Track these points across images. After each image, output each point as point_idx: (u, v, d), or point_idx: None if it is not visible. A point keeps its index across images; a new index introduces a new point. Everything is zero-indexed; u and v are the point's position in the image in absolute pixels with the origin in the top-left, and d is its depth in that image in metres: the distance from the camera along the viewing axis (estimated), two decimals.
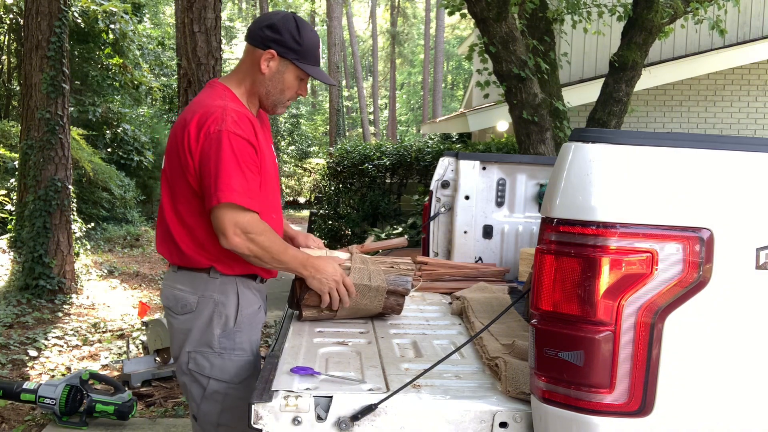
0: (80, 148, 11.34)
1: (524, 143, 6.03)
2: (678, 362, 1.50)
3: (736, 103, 10.01)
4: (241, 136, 2.13)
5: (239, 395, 2.23)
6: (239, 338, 2.26)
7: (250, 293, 2.32)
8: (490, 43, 5.87)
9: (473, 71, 10.66)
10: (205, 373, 2.24)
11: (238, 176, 2.11)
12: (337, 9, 25.54)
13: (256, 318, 2.34)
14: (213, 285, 2.25)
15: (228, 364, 2.24)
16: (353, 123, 35.64)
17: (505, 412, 1.71)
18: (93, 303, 7.52)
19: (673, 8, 6.52)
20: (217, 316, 2.24)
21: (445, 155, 3.75)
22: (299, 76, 2.31)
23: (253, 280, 2.33)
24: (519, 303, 2.56)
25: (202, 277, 2.26)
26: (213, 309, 2.24)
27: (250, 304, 2.30)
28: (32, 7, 7.28)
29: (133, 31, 12.78)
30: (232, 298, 2.26)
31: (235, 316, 2.25)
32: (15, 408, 4.33)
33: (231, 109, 2.17)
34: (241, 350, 2.26)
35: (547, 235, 1.58)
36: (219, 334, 2.23)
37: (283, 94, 2.33)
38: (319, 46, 2.32)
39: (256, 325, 2.33)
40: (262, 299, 2.42)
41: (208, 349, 2.24)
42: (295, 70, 2.29)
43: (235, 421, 2.24)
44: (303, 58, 2.27)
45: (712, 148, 1.56)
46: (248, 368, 2.27)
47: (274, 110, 2.38)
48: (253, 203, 2.14)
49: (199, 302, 2.25)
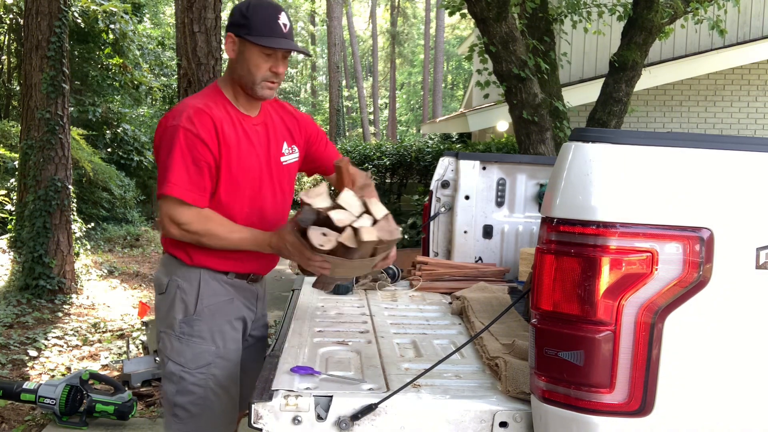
0: (80, 148, 11.34)
1: (524, 143, 6.03)
2: (678, 362, 1.50)
3: (736, 103, 10.01)
4: (192, 132, 2.18)
5: (194, 381, 2.29)
6: (198, 326, 2.31)
7: (217, 285, 2.35)
8: (490, 43, 5.87)
9: (473, 71, 10.66)
10: (166, 353, 2.34)
11: (180, 170, 2.17)
12: (337, 9, 25.54)
13: (222, 309, 2.35)
14: (180, 271, 2.34)
15: (185, 349, 2.30)
16: (353, 123, 35.64)
17: (505, 411, 1.71)
18: (93, 303, 7.51)
19: (673, 8, 6.52)
20: (179, 301, 2.32)
21: (445, 155, 3.75)
22: (263, 51, 2.25)
23: (223, 275, 2.36)
24: (519, 303, 2.56)
25: (173, 261, 2.37)
26: (176, 293, 2.33)
27: (214, 294, 2.33)
28: (32, 7, 7.28)
29: (133, 31, 12.77)
30: (193, 285, 2.32)
31: (195, 304, 2.31)
32: (15, 408, 4.32)
33: (192, 106, 2.24)
34: (200, 338, 2.30)
35: (547, 234, 1.58)
36: (180, 319, 2.31)
37: (253, 75, 2.27)
38: (276, 16, 2.25)
39: (221, 316, 2.35)
40: (242, 296, 2.42)
41: (171, 331, 2.33)
42: (252, 46, 2.25)
43: (190, 405, 2.29)
44: (254, 31, 2.23)
45: (712, 148, 1.56)
46: (206, 357, 2.31)
47: (255, 93, 2.31)
48: (194, 196, 2.20)
49: (168, 285, 2.35)
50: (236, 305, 2.40)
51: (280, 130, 2.47)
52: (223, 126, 2.25)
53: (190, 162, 2.19)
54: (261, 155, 2.38)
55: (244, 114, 2.36)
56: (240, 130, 2.31)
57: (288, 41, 2.28)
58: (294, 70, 36.06)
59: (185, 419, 2.30)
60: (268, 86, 2.31)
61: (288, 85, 33.03)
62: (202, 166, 2.21)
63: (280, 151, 2.44)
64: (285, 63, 2.33)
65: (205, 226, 2.21)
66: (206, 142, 2.20)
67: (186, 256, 2.33)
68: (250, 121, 2.37)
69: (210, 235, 2.22)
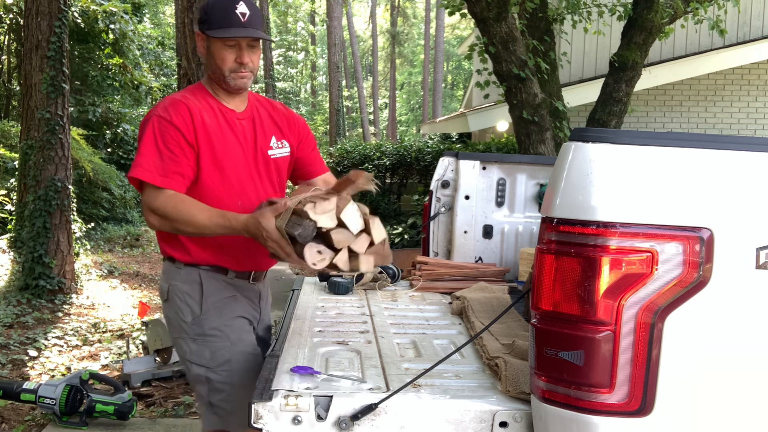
0: (80, 148, 11.34)
1: (524, 143, 6.03)
2: (678, 362, 1.50)
3: (736, 103, 10.00)
4: (166, 119, 2.22)
5: (221, 379, 2.31)
6: (208, 324, 2.32)
7: (218, 283, 2.36)
8: (490, 43, 5.87)
9: (473, 71, 10.67)
10: (187, 358, 2.35)
11: (151, 155, 2.20)
12: (337, 9, 25.53)
13: (228, 305, 2.37)
14: (178, 275, 2.35)
15: (202, 349, 2.31)
16: (353, 123, 35.63)
17: (505, 411, 1.71)
18: (93, 303, 7.51)
19: (673, 8, 6.52)
20: (185, 305, 2.33)
21: (445, 155, 3.75)
22: (224, 43, 2.27)
23: (223, 274, 2.37)
24: (519, 303, 2.56)
25: (170, 266, 2.39)
26: (180, 298, 2.34)
27: (217, 292, 2.35)
28: (32, 7, 7.28)
29: (133, 31, 12.78)
30: (194, 286, 2.33)
31: (200, 304, 2.33)
32: (15, 408, 4.32)
33: (170, 98, 2.31)
34: (213, 336, 2.32)
35: (547, 234, 1.58)
36: (190, 321, 2.33)
37: (220, 68, 2.29)
38: (234, 6, 2.24)
39: (228, 312, 2.36)
40: (245, 295, 2.44)
41: (185, 335, 2.34)
42: (214, 40, 2.27)
43: (223, 403, 2.31)
44: (213, 24, 2.26)
45: (712, 148, 1.56)
46: (224, 354, 2.31)
47: (228, 85, 2.33)
48: (165, 180, 2.20)
49: (169, 291, 2.37)
50: (241, 303, 2.42)
51: (268, 125, 2.48)
52: (202, 114, 2.28)
53: (163, 146, 2.21)
54: (247, 147, 2.39)
55: (227, 108, 2.38)
56: (222, 120, 2.34)
57: (244, 29, 2.25)
58: (294, 70, 36.05)
59: (224, 416, 2.32)
60: (240, 76, 2.31)
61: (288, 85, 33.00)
62: (175, 151, 2.22)
63: (268, 144, 2.46)
64: (252, 51, 2.32)
65: (178, 211, 2.18)
66: (179, 127, 2.23)
67: (180, 253, 2.34)
68: (235, 115, 2.39)
69: (183, 220, 2.18)
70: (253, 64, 2.33)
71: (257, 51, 2.35)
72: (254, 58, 2.34)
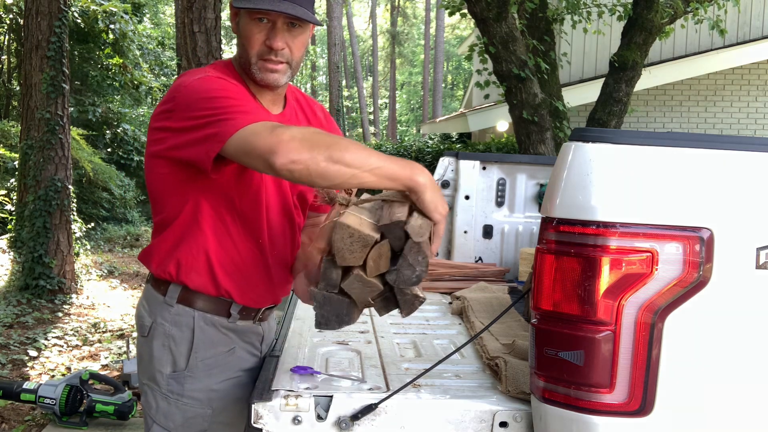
0: (80, 148, 11.34)
1: (524, 143, 6.04)
2: (678, 362, 1.50)
3: (736, 103, 10.01)
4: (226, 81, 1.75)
5: None
6: (190, 385, 1.84)
7: (215, 333, 1.87)
8: (490, 43, 5.87)
9: (473, 71, 10.66)
10: (150, 413, 1.88)
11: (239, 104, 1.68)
12: (337, 9, 25.54)
13: (221, 363, 1.88)
14: (167, 313, 1.84)
15: (174, 411, 1.84)
16: (353, 123, 35.65)
17: (505, 411, 1.71)
18: (93, 303, 7.52)
19: (673, 8, 6.52)
20: (167, 352, 1.83)
21: (445, 155, 3.75)
22: (252, 17, 1.76)
23: (224, 317, 1.87)
24: (519, 303, 2.56)
25: (156, 298, 1.87)
26: (163, 342, 1.84)
27: (211, 346, 1.86)
28: (32, 7, 7.28)
29: (133, 31, 12.78)
30: (185, 332, 1.83)
31: (187, 357, 1.83)
32: (15, 408, 4.32)
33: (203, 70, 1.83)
34: (191, 399, 1.84)
35: (547, 234, 1.58)
36: (168, 374, 1.84)
37: (247, 51, 1.79)
38: None
39: (219, 372, 1.88)
40: (245, 341, 1.95)
41: (156, 386, 1.86)
42: (244, 13, 1.77)
43: None
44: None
45: (712, 148, 1.55)
46: (200, 423, 1.86)
47: (255, 76, 1.82)
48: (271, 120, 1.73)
49: (152, 329, 1.86)
50: (238, 356, 1.93)
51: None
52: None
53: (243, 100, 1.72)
54: None
55: (260, 105, 1.86)
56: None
57: (279, 2, 1.70)
58: None
59: None
60: (268, 67, 1.79)
61: None
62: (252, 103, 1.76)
63: None
64: (292, 36, 1.79)
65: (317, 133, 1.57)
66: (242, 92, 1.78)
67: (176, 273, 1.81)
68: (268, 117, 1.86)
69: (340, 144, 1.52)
70: (290, 52, 1.79)
71: (300, 37, 1.80)
72: (294, 45, 1.79)
